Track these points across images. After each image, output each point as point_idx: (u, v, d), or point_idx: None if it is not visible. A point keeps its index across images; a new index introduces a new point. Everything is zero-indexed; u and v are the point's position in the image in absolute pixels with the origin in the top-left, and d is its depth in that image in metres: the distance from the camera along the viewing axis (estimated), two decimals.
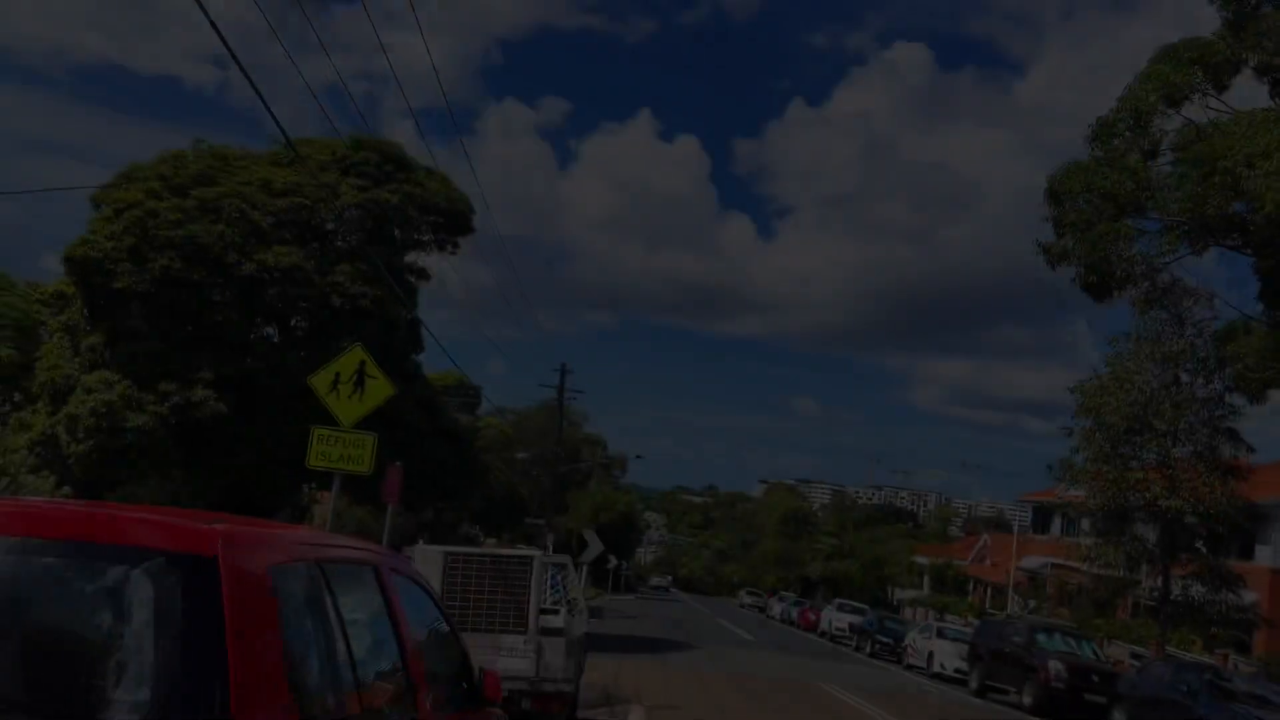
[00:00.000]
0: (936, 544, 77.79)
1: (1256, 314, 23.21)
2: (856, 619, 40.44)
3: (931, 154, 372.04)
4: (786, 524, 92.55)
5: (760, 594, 76.51)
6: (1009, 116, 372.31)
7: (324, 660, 2.98)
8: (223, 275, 22.92)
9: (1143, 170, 19.65)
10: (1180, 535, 24.24)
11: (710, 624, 44.79)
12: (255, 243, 23.21)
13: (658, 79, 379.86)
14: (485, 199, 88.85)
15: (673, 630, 35.10)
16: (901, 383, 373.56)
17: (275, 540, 2.99)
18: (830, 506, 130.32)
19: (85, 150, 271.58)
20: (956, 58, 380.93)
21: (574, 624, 10.43)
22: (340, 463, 11.36)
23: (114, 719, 2.33)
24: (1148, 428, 23.36)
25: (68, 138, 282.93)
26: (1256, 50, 20.08)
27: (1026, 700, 21.88)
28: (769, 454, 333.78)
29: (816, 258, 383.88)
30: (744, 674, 22.60)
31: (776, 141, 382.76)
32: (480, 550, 11.63)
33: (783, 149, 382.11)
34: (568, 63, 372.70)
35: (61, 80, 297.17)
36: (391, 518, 14.54)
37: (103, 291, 22.48)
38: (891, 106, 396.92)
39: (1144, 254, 20.63)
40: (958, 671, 26.86)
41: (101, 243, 22.23)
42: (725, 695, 18.06)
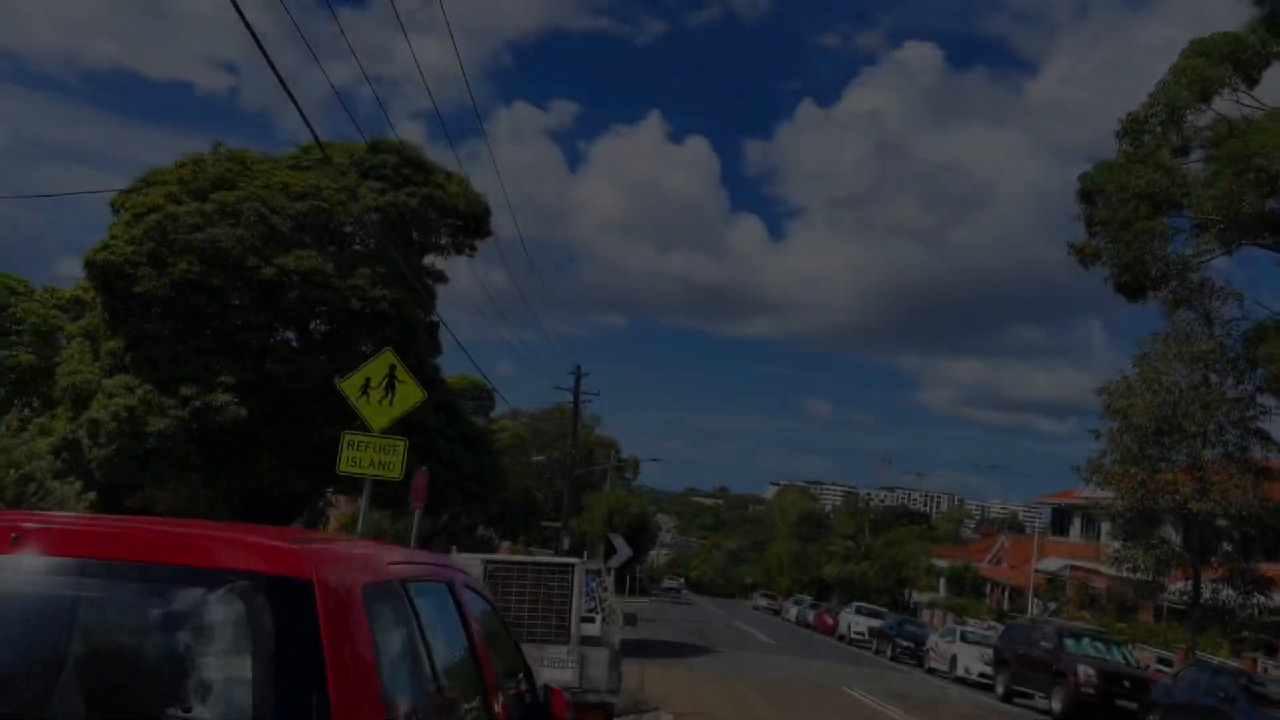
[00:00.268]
0: (950, 546, 77.33)
1: None
2: (876, 622, 40.07)
3: (943, 154, 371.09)
4: (800, 526, 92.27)
5: (774, 596, 76.18)
6: (1021, 116, 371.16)
7: (413, 679, 2.96)
8: (242, 279, 22.82)
9: (1176, 167, 19.35)
10: (1210, 538, 23.92)
11: (727, 627, 44.56)
12: (275, 246, 23.10)
13: (667, 80, 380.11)
14: (507, 199, 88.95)
15: (691, 634, 34.89)
16: (913, 384, 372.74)
17: (363, 560, 2.97)
18: (841, 508, 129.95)
19: (97, 156, 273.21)
20: (968, 57, 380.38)
21: (610, 632, 10.24)
22: (371, 469, 11.23)
23: None
24: (1177, 429, 23.03)
25: (80, 144, 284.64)
26: None
27: (1055, 706, 21.59)
28: (780, 455, 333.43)
29: (827, 258, 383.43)
30: (768, 679, 22.39)
31: (787, 142, 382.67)
32: (520, 558, 11.46)
33: (793, 150, 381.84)
34: (577, 65, 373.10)
35: (75, 86, 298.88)
36: (419, 522, 14.38)
37: (123, 296, 22.41)
38: (902, 106, 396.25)
39: (1180, 254, 20.33)
40: (982, 676, 26.56)
41: (121, 247, 22.17)
42: (753, 701, 17.91)
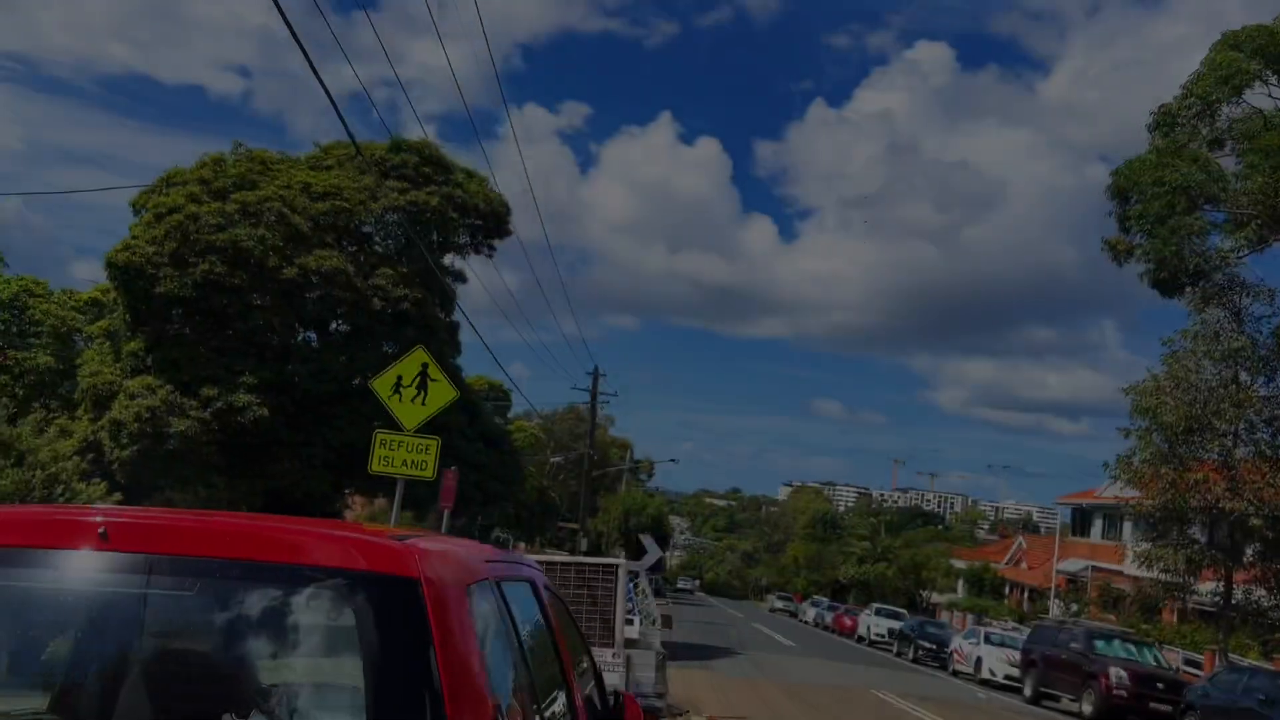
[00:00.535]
0: (965, 547, 76.86)
1: None
2: (896, 624, 39.66)
3: (954, 153, 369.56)
4: (815, 527, 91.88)
5: (790, 597, 75.74)
6: (1033, 115, 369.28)
7: (512, 678, 2.92)
8: (264, 279, 22.76)
9: (1212, 161, 19.06)
10: (1242, 538, 23.58)
11: (747, 629, 44.30)
12: (296, 246, 23.04)
13: (678, 82, 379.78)
14: (533, 198, 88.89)
15: (710, 635, 34.67)
16: (925, 384, 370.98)
17: (464, 557, 2.87)
18: (855, 509, 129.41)
19: (110, 160, 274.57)
20: (979, 56, 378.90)
21: (650, 634, 10.06)
22: (404, 468, 11.05)
23: None
24: (1207, 427, 22.70)
25: (93, 148, 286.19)
26: None
27: (1086, 709, 21.29)
28: (792, 456, 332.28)
29: (839, 259, 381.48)
30: (795, 681, 22.17)
31: (798, 143, 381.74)
32: (565, 558, 11.30)
33: (804, 150, 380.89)
34: (588, 67, 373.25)
35: (88, 90, 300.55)
36: (448, 522, 14.25)
37: (144, 296, 22.37)
38: (914, 106, 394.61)
39: (1218, 249, 20.00)
40: (1008, 678, 26.23)
41: (143, 247, 22.13)
42: (783, 704, 17.70)
